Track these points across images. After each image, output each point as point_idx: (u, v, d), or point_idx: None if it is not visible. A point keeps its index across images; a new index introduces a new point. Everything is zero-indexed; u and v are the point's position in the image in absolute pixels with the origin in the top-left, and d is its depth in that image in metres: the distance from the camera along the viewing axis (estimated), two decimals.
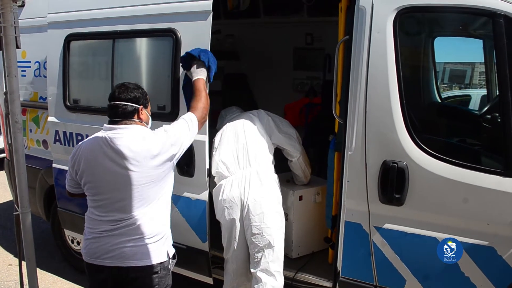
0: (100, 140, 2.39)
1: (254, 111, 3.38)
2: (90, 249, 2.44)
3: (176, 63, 3.09)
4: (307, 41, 5.30)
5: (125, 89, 2.47)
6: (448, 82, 4.89)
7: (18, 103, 2.86)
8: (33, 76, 4.40)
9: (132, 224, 2.38)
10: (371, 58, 2.51)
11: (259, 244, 2.96)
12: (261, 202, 2.98)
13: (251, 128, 3.20)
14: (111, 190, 2.38)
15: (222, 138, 3.21)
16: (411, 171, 2.47)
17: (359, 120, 2.57)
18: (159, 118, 3.23)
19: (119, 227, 2.37)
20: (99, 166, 2.38)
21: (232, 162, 3.11)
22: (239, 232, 3.04)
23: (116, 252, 2.37)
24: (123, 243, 2.36)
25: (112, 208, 2.39)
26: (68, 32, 3.70)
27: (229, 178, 3.10)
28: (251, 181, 3.04)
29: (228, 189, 3.06)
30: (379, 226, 2.64)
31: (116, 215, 2.38)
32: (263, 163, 3.13)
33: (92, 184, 2.42)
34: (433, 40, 3.33)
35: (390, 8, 2.46)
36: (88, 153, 2.41)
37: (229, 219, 3.04)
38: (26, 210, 2.95)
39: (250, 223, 2.97)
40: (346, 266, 2.79)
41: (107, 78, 3.50)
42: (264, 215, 2.96)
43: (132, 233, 2.38)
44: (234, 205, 3.03)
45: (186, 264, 3.39)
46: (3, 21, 2.71)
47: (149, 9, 3.22)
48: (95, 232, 2.43)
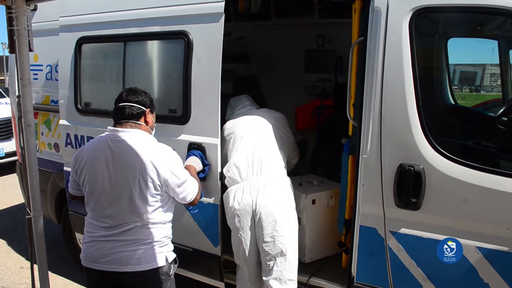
0: (102, 142, 2.39)
1: (266, 110, 3.33)
2: (87, 253, 2.44)
3: (188, 66, 3.08)
4: (319, 43, 5.26)
5: (133, 92, 2.49)
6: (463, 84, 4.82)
7: (31, 107, 2.87)
8: (44, 80, 4.43)
9: (127, 229, 2.36)
10: (386, 60, 2.47)
11: (271, 252, 2.91)
12: (273, 210, 2.92)
13: (264, 130, 3.15)
14: (106, 193, 2.36)
15: (235, 138, 3.14)
16: (427, 175, 2.42)
17: (375, 123, 2.53)
18: (170, 121, 3.24)
19: (115, 232, 2.36)
20: (97, 168, 2.37)
21: (245, 168, 3.04)
22: (250, 240, 3.00)
23: (111, 257, 2.36)
24: (119, 248, 2.35)
25: (106, 212, 2.37)
26: (79, 35, 3.71)
27: (240, 184, 3.04)
28: (263, 189, 2.97)
29: (239, 195, 2.99)
30: (395, 231, 2.59)
31: (110, 221, 2.37)
32: (276, 170, 3.07)
33: (89, 186, 2.41)
34: (449, 41, 3.28)
35: (406, 8, 2.42)
36: (89, 154, 2.41)
37: (239, 226, 2.99)
38: (38, 213, 2.95)
39: (262, 231, 2.92)
40: (360, 271, 2.75)
41: (118, 81, 3.51)
42: (277, 223, 2.90)
43: (128, 238, 2.36)
44: (245, 213, 2.97)
45: (198, 268, 3.39)
46: (17, 25, 2.73)
47: (160, 11, 3.22)
48: (92, 236, 2.43)
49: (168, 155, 2.42)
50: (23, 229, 5.40)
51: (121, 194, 2.33)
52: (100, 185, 2.37)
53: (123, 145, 2.34)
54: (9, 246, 5.22)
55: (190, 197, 2.52)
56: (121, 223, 2.36)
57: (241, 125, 3.19)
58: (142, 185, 2.32)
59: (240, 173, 3.04)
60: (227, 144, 3.16)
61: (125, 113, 2.41)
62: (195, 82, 3.09)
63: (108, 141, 2.37)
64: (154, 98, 2.62)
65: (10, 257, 4.93)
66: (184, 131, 3.19)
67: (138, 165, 2.31)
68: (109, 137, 2.38)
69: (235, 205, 2.98)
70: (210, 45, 3.00)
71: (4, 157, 8.32)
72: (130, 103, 2.42)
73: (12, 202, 6.62)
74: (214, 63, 2.98)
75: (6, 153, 8.29)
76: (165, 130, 3.25)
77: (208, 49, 3.04)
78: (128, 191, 2.32)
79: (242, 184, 3.03)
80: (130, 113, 2.41)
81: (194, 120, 3.14)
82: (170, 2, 3.18)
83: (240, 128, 3.16)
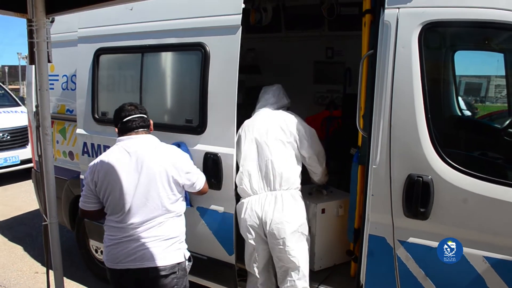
0: (118, 150, 2.64)
1: (283, 114, 3.26)
2: (112, 254, 2.61)
3: (205, 77, 3.15)
4: (328, 55, 5.35)
5: (134, 107, 2.78)
6: (472, 97, 4.85)
7: (49, 116, 2.94)
8: (60, 89, 4.54)
9: (151, 227, 2.58)
10: (396, 73, 2.52)
11: (285, 264, 2.99)
12: (285, 226, 2.95)
13: (277, 139, 3.11)
14: (129, 196, 2.56)
15: (248, 142, 3.13)
16: (436, 185, 2.46)
17: (384, 134, 2.57)
18: (186, 131, 3.30)
19: (139, 230, 2.57)
20: (121, 174, 2.57)
21: (256, 180, 3.06)
22: (262, 250, 3.06)
23: (136, 255, 2.54)
24: (143, 246, 2.55)
25: (133, 213, 2.57)
26: (97, 46, 3.81)
27: (252, 197, 3.07)
28: (274, 204, 3.00)
29: (250, 208, 3.04)
30: (404, 240, 2.62)
31: (135, 220, 2.56)
32: (288, 183, 3.07)
33: (113, 193, 2.59)
34: (458, 54, 3.33)
35: (415, 22, 2.47)
36: (108, 163, 2.60)
37: (252, 238, 3.05)
38: (54, 220, 3.00)
39: (275, 246, 2.98)
40: (369, 280, 2.77)
41: (135, 92, 3.59)
42: (289, 238, 2.95)
43: (151, 235, 2.57)
44: (257, 226, 3.02)
45: (212, 276, 3.43)
46: (37, 37, 2.80)
47: (178, 23, 3.29)
48: (115, 238, 2.61)
49: (178, 151, 2.86)
50: (37, 235, 5.51)
51: (149, 193, 2.57)
52: (127, 190, 2.56)
53: (141, 149, 2.61)
54: (25, 252, 5.30)
55: (199, 184, 2.84)
56: (146, 220, 2.57)
57: (256, 128, 3.18)
58: (166, 181, 2.59)
59: (251, 186, 3.07)
60: (240, 143, 3.18)
61: (137, 124, 2.69)
62: (212, 93, 3.15)
63: (124, 149, 2.61)
64: (170, 108, 2.79)
65: (25, 262, 5.01)
66: (200, 141, 3.25)
67: (161, 163, 2.59)
68: (125, 145, 2.61)
69: (246, 217, 3.05)
70: (227, 57, 3.06)
71: (20, 164, 8.51)
72: (141, 114, 2.72)
73: (27, 209, 6.70)
74: (231, 75, 3.04)
75: (21, 160, 8.49)
76: (181, 140, 3.33)
77: (225, 61, 3.09)
78: (155, 189, 2.57)
79: (254, 198, 3.05)
80: (141, 123, 2.70)
81: (210, 130, 3.20)
82: (187, 15, 3.26)
83: (255, 131, 3.15)
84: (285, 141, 3.11)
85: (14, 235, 5.83)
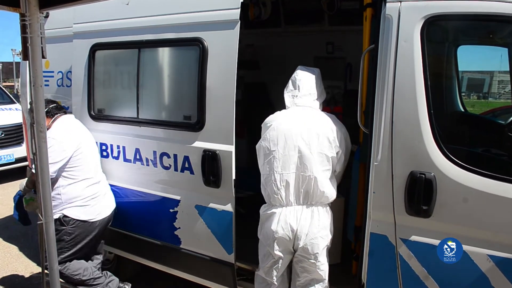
0: None
1: (330, 121, 2.87)
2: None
3: (203, 73, 3.10)
4: (328, 50, 5.30)
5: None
6: (472, 91, 4.81)
7: (43, 113, 2.89)
8: (56, 86, 4.48)
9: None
10: (397, 67, 2.47)
11: (310, 276, 2.90)
12: (319, 241, 2.81)
13: (323, 153, 2.79)
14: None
15: (286, 152, 2.79)
16: (439, 182, 2.42)
17: (386, 130, 2.53)
18: (184, 128, 3.26)
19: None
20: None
21: (293, 192, 2.80)
22: (286, 261, 2.93)
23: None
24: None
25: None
26: (93, 41, 3.76)
27: (286, 208, 2.83)
28: (311, 219, 2.81)
29: (284, 221, 2.81)
30: (406, 238, 2.59)
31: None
32: (327, 200, 2.85)
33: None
34: (460, 49, 3.29)
35: (417, 16, 2.43)
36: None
37: (279, 250, 2.87)
38: (49, 219, 2.97)
39: (304, 259, 2.85)
40: (371, 278, 2.74)
41: (132, 88, 3.55)
42: (320, 253, 2.84)
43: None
44: (287, 239, 2.82)
45: (211, 276, 3.39)
46: (30, 32, 2.75)
47: (175, 18, 3.25)
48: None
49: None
50: (33, 234, 5.46)
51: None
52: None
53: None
54: (20, 251, 5.25)
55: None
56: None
57: (299, 135, 2.80)
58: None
59: (287, 197, 2.81)
60: (276, 143, 2.82)
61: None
62: (210, 89, 3.11)
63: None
64: (168, 105, 2.73)
65: (20, 262, 4.96)
66: (198, 138, 3.21)
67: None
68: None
69: (278, 229, 2.81)
70: (226, 52, 3.02)
71: (15, 162, 8.39)
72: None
73: None
74: (230, 70, 3.00)
75: (16, 158, 8.37)
76: (179, 136, 3.29)
77: (223, 56, 3.05)
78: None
79: (288, 210, 2.82)
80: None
81: (208, 127, 3.16)
82: (185, 9, 3.21)
83: (299, 139, 2.79)
84: (330, 155, 2.81)
85: (9, 234, 5.77)
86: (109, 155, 3.80)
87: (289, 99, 2.98)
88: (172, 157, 3.38)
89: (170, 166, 3.41)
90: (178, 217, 3.45)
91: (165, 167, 3.45)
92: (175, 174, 3.39)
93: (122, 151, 3.70)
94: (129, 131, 3.64)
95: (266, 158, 2.85)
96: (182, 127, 3.29)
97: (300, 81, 2.95)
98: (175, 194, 3.45)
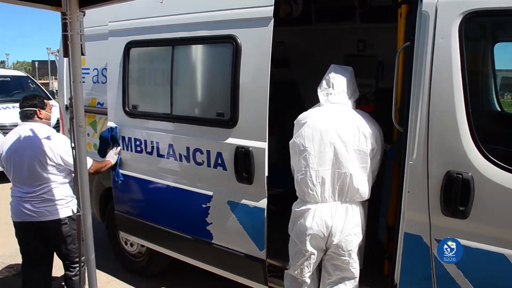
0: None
1: (365, 119, 2.86)
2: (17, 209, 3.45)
3: (236, 70, 3.12)
4: (359, 48, 5.23)
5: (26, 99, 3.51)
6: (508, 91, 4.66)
7: (82, 108, 2.99)
8: (91, 83, 4.59)
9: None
10: (434, 65, 2.42)
11: (341, 273, 2.88)
12: (353, 238, 2.80)
13: (358, 149, 2.77)
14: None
15: (322, 149, 2.77)
16: (477, 183, 2.36)
17: (421, 129, 2.48)
18: (217, 124, 3.29)
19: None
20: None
21: (329, 189, 2.79)
22: (318, 258, 2.93)
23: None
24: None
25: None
26: (128, 39, 3.83)
27: (321, 205, 2.82)
28: (346, 215, 2.80)
29: (319, 217, 2.80)
30: (441, 239, 2.53)
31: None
32: (361, 197, 2.83)
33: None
34: (499, 46, 3.19)
35: (455, 12, 2.37)
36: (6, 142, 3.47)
37: (311, 245, 2.86)
38: (87, 211, 3.06)
39: (338, 256, 2.84)
40: (404, 279, 2.70)
41: (166, 85, 3.59)
42: (354, 251, 2.83)
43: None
44: (322, 236, 2.81)
45: (242, 272, 3.41)
46: (71, 30, 2.84)
47: (209, 16, 3.28)
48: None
49: (61, 143, 3.48)
50: None
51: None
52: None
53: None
54: None
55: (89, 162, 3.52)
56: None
57: (335, 131, 2.78)
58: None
59: (323, 193, 2.80)
60: (311, 140, 2.80)
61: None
62: (243, 86, 3.12)
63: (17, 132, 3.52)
64: (201, 101, 2.74)
65: None
66: (231, 134, 3.23)
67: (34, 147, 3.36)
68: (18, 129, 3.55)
69: (313, 225, 2.80)
70: (259, 49, 3.02)
71: None
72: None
73: None
74: (263, 67, 3.00)
75: None
76: (212, 133, 3.32)
77: (257, 53, 3.05)
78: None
79: (324, 206, 2.81)
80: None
81: (241, 124, 3.17)
82: (218, 7, 3.23)
83: (335, 135, 2.77)
84: (365, 152, 2.78)
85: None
86: (143, 150, 3.86)
87: (324, 97, 2.97)
88: (205, 153, 3.42)
89: (203, 162, 3.45)
90: (210, 212, 3.48)
91: (198, 163, 3.49)
92: (208, 170, 3.43)
93: (155, 146, 3.76)
94: (162, 127, 3.70)
95: (301, 154, 2.83)
96: (215, 123, 3.32)
97: (334, 79, 2.95)
98: (207, 190, 3.49)
